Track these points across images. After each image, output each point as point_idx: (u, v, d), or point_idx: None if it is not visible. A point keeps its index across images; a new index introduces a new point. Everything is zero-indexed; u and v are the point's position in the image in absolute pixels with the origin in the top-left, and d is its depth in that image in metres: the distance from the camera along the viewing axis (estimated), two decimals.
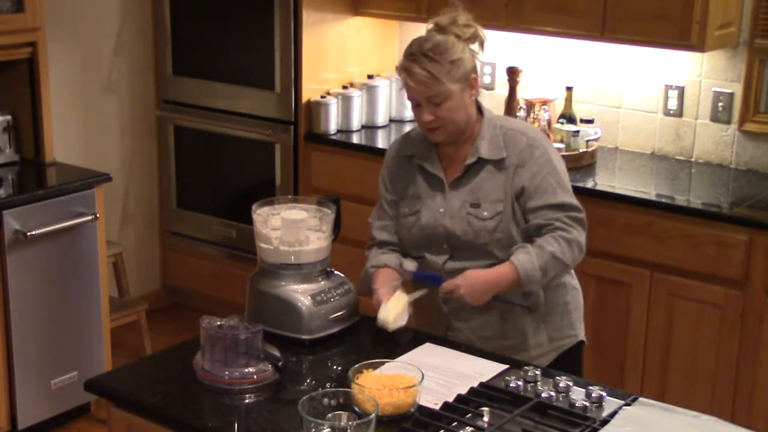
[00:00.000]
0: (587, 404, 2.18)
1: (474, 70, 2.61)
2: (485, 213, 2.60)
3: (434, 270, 2.68)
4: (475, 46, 2.63)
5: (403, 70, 2.57)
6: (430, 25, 2.62)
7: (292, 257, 2.54)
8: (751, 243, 3.52)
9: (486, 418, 2.14)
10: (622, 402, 2.21)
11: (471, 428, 2.10)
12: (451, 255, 2.66)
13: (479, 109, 2.68)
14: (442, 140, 2.64)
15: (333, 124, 4.57)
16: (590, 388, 2.23)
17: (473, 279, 2.56)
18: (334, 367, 2.46)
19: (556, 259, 2.54)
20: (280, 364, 2.31)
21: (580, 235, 2.59)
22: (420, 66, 2.53)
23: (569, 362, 2.69)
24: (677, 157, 4.23)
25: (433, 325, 2.73)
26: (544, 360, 2.68)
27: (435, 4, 4.33)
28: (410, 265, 2.68)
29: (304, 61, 4.50)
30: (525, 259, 2.54)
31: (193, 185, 5.02)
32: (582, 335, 2.81)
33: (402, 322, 2.57)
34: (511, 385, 2.25)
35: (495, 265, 2.59)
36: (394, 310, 2.56)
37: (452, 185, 2.66)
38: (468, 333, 2.69)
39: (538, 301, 2.64)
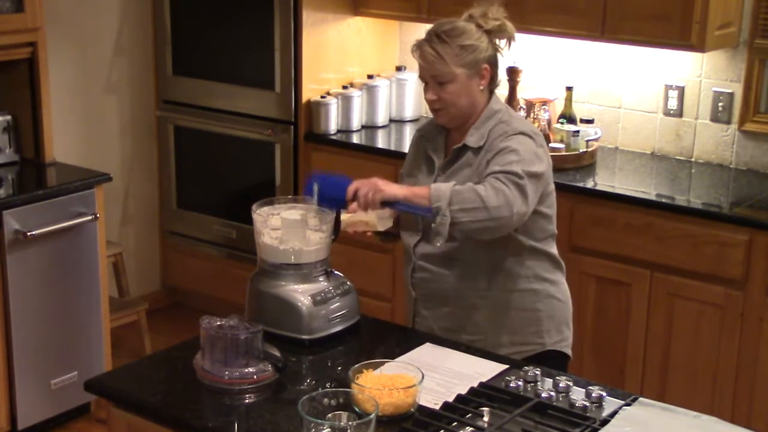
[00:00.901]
0: (587, 404, 2.18)
1: (488, 60, 2.65)
2: None
3: (407, 255, 2.75)
4: (502, 43, 2.69)
5: (417, 47, 2.66)
6: (464, 15, 2.68)
7: (292, 257, 2.54)
8: (751, 243, 3.52)
9: (486, 418, 2.14)
10: (622, 402, 2.21)
11: (471, 428, 2.10)
12: (422, 237, 2.70)
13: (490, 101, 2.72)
14: (444, 123, 2.71)
15: (333, 124, 4.57)
16: (590, 388, 2.23)
17: (380, 179, 2.57)
18: (334, 367, 2.46)
19: (474, 192, 2.47)
20: (280, 364, 2.31)
21: (511, 193, 2.48)
22: (430, 45, 2.62)
23: None
24: (677, 157, 4.23)
25: (406, 310, 2.82)
26: None
27: (435, 4, 4.34)
28: (380, 221, 2.68)
29: (304, 61, 4.50)
30: (443, 182, 2.57)
31: (193, 185, 5.02)
32: (555, 346, 2.75)
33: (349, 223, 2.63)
34: (511, 385, 2.25)
35: (457, 246, 2.63)
36: (353, 216, 2.62)
37: (442, 169, 2.72)
38: (431, 321, 2.74)
39: (443, 224, 2.48)
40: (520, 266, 2.68)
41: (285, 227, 2.55)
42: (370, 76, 4.74)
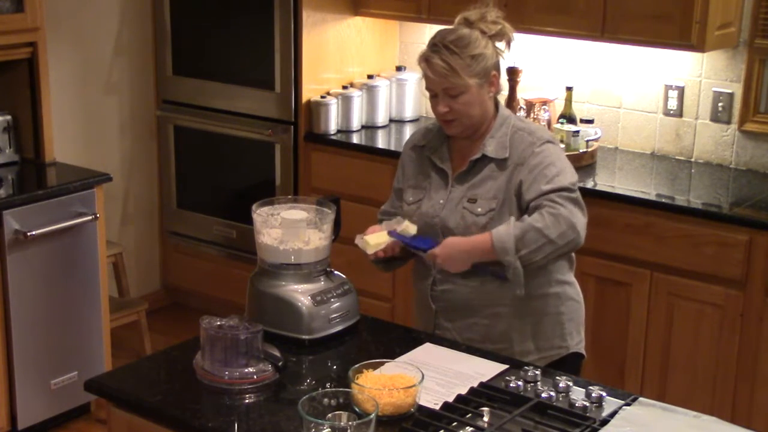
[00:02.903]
0: (587, 404, 2.18)
1: (495, 67, 2.63)
2: (479, 209, 2.62)
3: (425, 266, 2.70)
4: (501, 45, 2.65)
5: (424, 59, 2.60)
6: (459, 18, 2.64)
7: (292, 257, 2.54)
8: (751, 243, 3.52)
9: (486, 418, 2.14)
10: (622, 402, 2.21)
11: (471, 428, 2.10)
12: None
13: (497, 107, 2.70)
14: (456, 133, 2.67)
15: (333, 124, 4.57)
16: (590, 388, 2.23)
17: (450, 248, 2.58)
18: (334, 367, 2.46)
19: (536, 231, 2.49)
20: (280, 364, 2.31)
21: (570, 213, 2.52)
22: (440, 57, 2.56)
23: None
24: (677, 157, 4.23)
25: (422, 322, 2.77)
26: None
27: (435, 4, 4.34)
28: (411, 228, 2.67)
29: (304, 61, 4.50)
30: (502, 229, 2.53)
31: (193, 185, 5.02)
32: (576, 347, 2.76)
33: (379, 247, 2.64)
34: (511, 385, 2.25)
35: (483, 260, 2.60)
36: (377, 237, 2.63)
37: (457, 179, 2.68)
38: (454, 333, 2.70)
39: (517, 275, 2.53)
40: (543, 270, 2.64)
41: (285, 227, 2.55)
42: (370, 76, 4.74)
